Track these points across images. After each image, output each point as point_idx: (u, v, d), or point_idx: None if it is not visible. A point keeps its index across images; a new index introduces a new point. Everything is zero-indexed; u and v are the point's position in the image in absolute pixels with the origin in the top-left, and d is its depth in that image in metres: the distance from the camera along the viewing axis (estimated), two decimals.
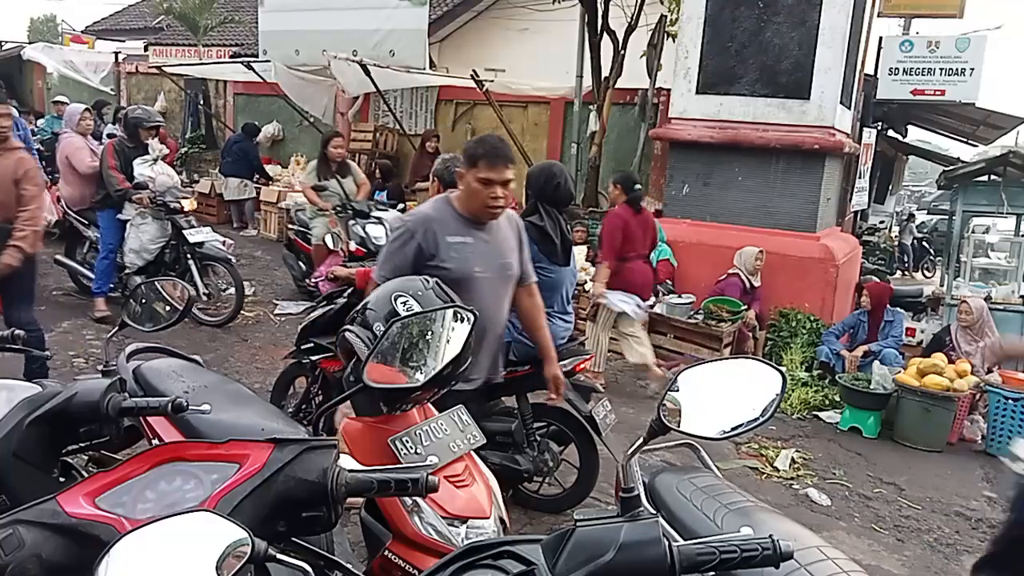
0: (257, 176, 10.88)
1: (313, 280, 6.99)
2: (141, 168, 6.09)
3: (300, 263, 7.51)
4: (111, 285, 6.31)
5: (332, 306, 3.86)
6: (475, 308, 2.28)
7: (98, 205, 6.19)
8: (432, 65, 10.92)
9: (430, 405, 2.23)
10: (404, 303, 2.20)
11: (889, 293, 6.58)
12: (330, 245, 6.54)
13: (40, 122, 12.28)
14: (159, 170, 6.23)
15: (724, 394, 1.54)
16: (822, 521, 4.08)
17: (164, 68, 12.54)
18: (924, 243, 15.87)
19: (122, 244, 6.18)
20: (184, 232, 6.14)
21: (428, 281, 2.27)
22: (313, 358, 3.87)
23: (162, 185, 6.18)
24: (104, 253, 6.22)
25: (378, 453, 1.97)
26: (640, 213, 5.51)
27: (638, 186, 5.66)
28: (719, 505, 1.85)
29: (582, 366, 3.47)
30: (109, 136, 7.21)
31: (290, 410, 4.03)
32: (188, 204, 6.40)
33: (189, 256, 6.24)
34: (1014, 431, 5.30)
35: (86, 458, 2.32)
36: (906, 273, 14.40)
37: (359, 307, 2.29)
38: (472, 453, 2.17)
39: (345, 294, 3.88)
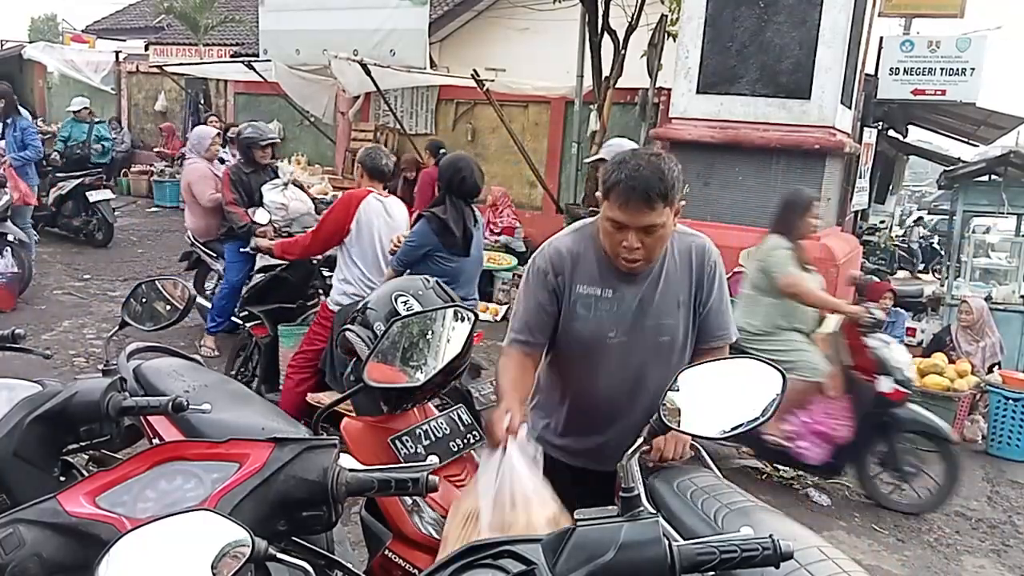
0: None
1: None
2: (271, 195, 5.27)
3: None
4: (227, 322, 5.54)
5: (263, 276, 4.40)
6: (604, 379, 2.00)
7: (223, 236, 5.60)
8: (433, 65, 10.92)
9: (430, 405, 2.23)
10: (404, 302, 2.21)
11: (888, 291, 6.58)
12: (259, 220, 6.31)
13: (53, 126, 12.27)
14: (291, 195, 5.40)
15: (724, 394, 1.54)
16: (822, 521, 4.08)
17: (165, 67, 12.56)
18: (933, 245, 15.82)
19: (249, 279, 5.12)
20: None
21: (428, 281, 2.27)
22: (248, 325, 4.54)
23: (295, 212, 5.31)
24: (225, 289, 5.53)
25: (378, 452, 1.97)
26: None
27: (443, 150, 6.65)
28: (719, 505, 1.85)
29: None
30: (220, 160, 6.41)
31: (232, 372, 4.63)
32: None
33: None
34: (1014, 431, 5.30)
35: (86, 457, 2.32)
36: (915, 274, 14.36)
37: (359, 307, 2.29)
38: (472, 453, 2.17)
39: (277, 268, 4.37)
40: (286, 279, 4.52)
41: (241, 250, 5.29)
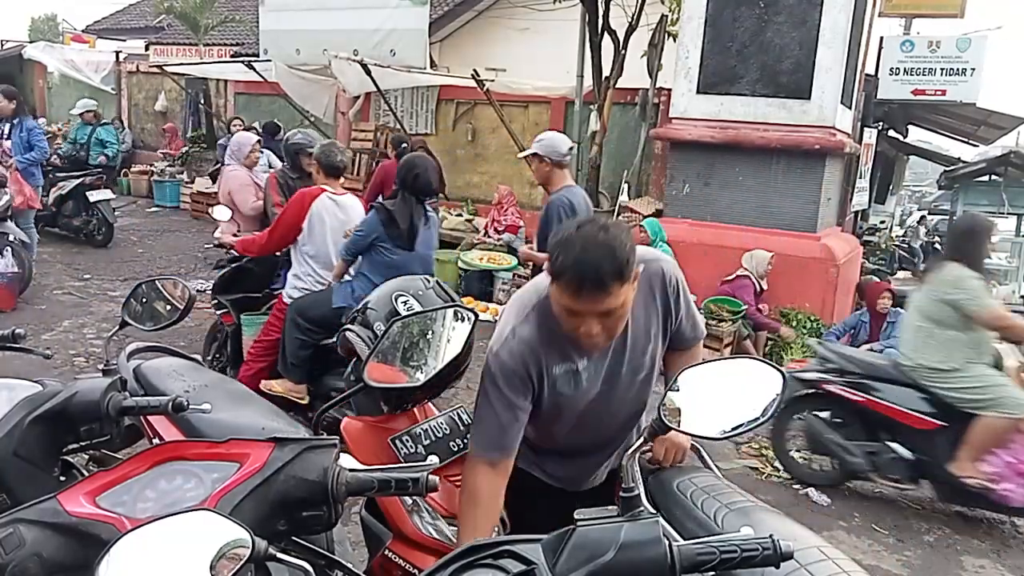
0: None
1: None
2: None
3: None
4: None
5: (227, 269, 4.69)
6: (589, 431, 1.98)
7: None
8: (433, 65, 10.93)
9: (430, 404, 2.23)
10: (405, 302, 2.20)
11: (887, 291, 6.57)
12: (220, 217, 6.32)
13: (54, 126, 12.25)
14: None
15: (724, 394, 1.55)
16: (822, 521, 4.08)
17: (165, 67, 12.57)
18: (935, 245, 15.81)
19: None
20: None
21: (428, 280, 2.27)
22: (218, 313, 4.85)
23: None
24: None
25: (378, 452, 1.97)
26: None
27: (404, 144, 7.24)
28: (719, 505, 1.85)
29: None
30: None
31: (208, 357, 4.82)
32: None
33: None
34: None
35: (86, 457, 2.32)
36: (916, 275, 14.34)
37: (360, 306, 2.29)
38: None
39: (243, 260, 4.59)
40: (251, 270, 4.70)
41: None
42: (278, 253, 4.48)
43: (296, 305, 4.03)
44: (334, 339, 3.68)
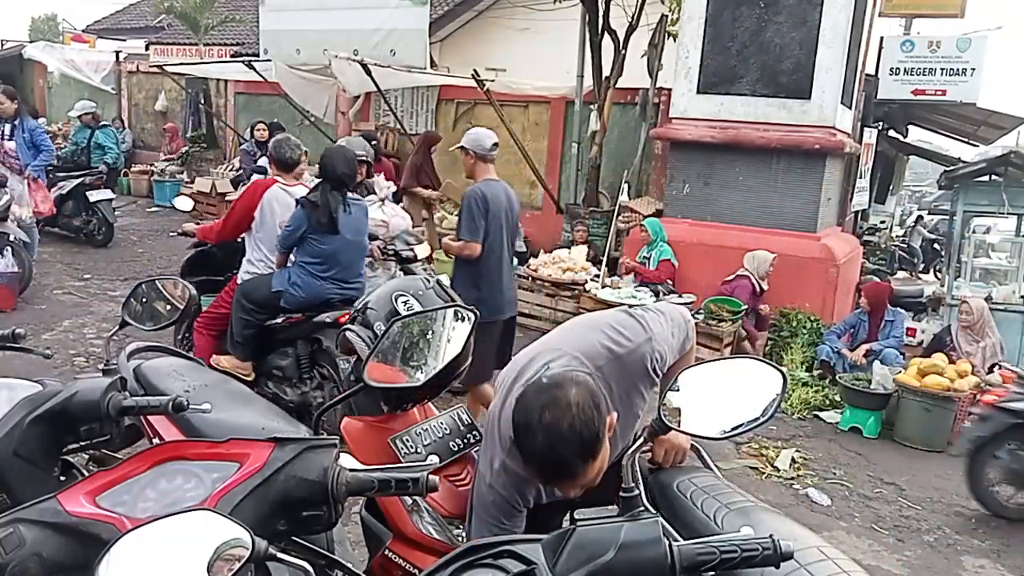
0: None
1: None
2: (371, 212, 5.02)
3: None
4: None
5: (192, 252, 5.05)
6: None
7: None
8: (433, 65, 10.92)
9: (431, 404, 2.23)
10: (405, 302, 2.21)
11: (887, 292, 6.58)
12: (182, 207, 6.39)
13: (54, 126, 12.23)
14: (390, 212, 5.32)
15: (724, 394, 1.55)
16: (822, 521, 4.08)
17: (165, 67, 12.55)
18: (935, 245, 15.81)
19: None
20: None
21: (429, 280, 2.27)
22: None
23: (396, 228, 5.14)
24: None
25: (378, 452, 1.97)
26: (380, 163, 7.12)
27: (374, 141, 7.31)
28: (719, 505, 1.85)
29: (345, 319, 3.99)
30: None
31: (179, 337, 4.87)
32: (422, 250, 5.27)
33: None
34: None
35: (87, 457, 2.32)
36: (915, 274, 14.34)
37: (360, 306, 2.30)
38: (473, 453, 2.17)
39: (207, 245, 4.87)
40: (215, 255, 4.98)
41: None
42: (239, 239, 4.62)
43: (242, 287, 4.27)
44: (278, 320, 4.13)
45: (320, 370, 4.20)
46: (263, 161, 7.69)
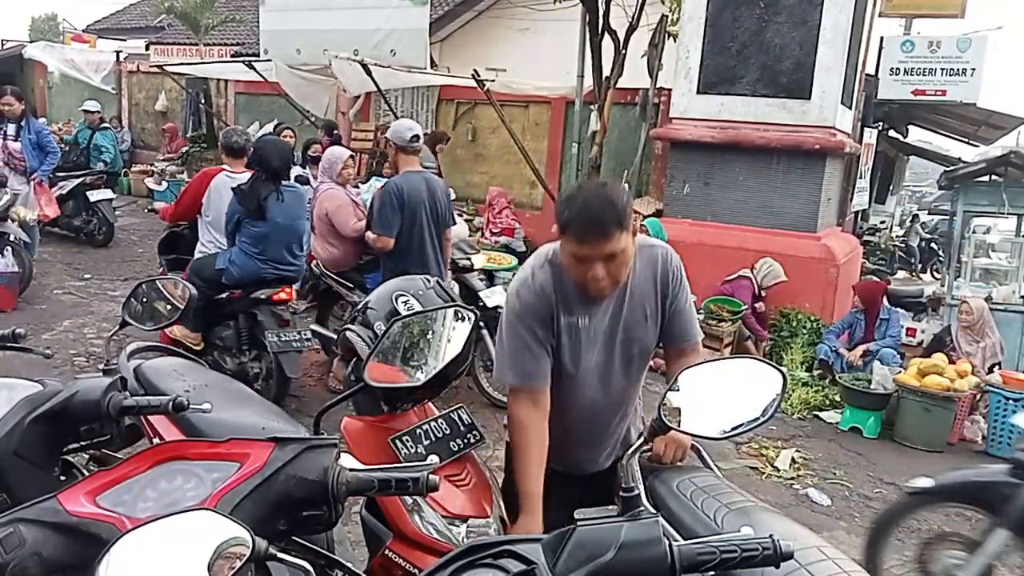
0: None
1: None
2: None
3: None
4: None
5: (166, 232, 5.48)
6: (587, 396, 2.08)
7: (366, 266, 5.09)
8: (433, 65, 10.92)
9: (431, 404, 2.23)
10: (405, 302, 2.21)
11: (882, 291, 6.58)
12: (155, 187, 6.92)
13: (55, 126, 12.20)
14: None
15: (724, 394, 1.55)
16: (822, 521, 4.08)
17: (165, 67, 12.55)
18: (932, 244, 15.83)
19: None
20: (480, 294, 4.92)
21: (429, 280, 2.27)
22: (158, 269, 5.64)
23: (456, 236, 4.94)
24: None
25: (379, 452, 1.97)
26: None
27: (336, 131, 8.40)
28: (719, 505, 1.85)
29: (280, 295, 4.57)
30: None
31: None
32: (479, 259, 5.16)
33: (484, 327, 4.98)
34: (1014, 432, 5.30)
35: (87, 457, 2.32)
36: (913, 274, 14.36)
37: (360, 306, 2.29)
38: (473, 453, 2.17)
39: (180, 227, 5.29)
40: (185, 236, 5.28)
41: (367, 275, 5.02)
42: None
43: (192, 265, 4.76)
44: (223, 295, 4.59)
45: (255, 342, 4.66)
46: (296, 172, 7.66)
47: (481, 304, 4.88)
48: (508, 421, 2.04)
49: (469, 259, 5.08)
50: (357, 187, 6.10)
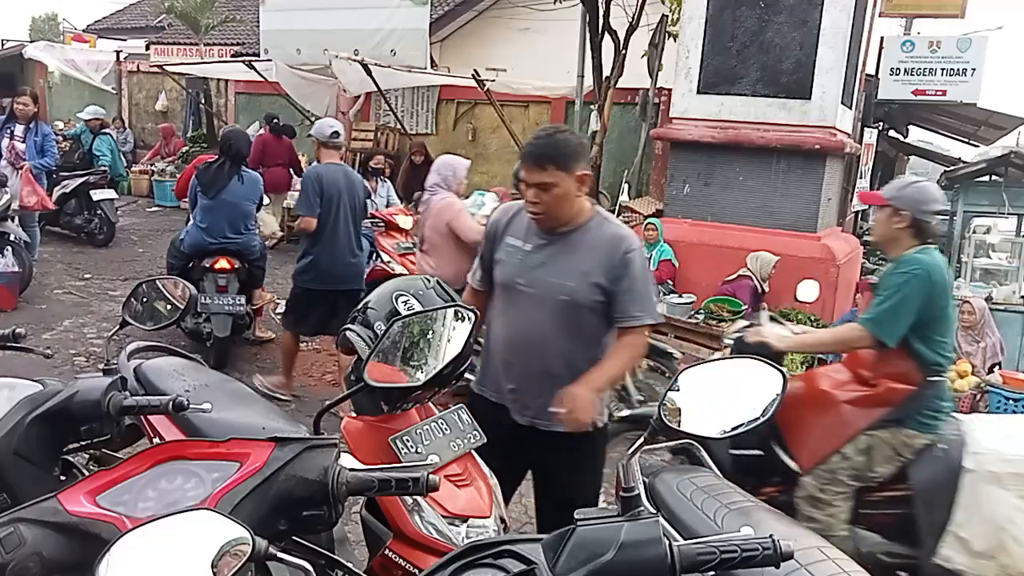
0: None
1: None
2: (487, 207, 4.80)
3: None
4: None
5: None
6: (513, 322, 2.33)
7: None
8: (433, 64, 10.93)
9: (431, 404, 2.23)
10: (405, 302, 2.21)
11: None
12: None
13: (59, 125, 12.16)
14: None
15: (724, 394, 1.55)
16: None
17: (165, 67, 12.57)
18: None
19: None
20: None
21: (429, 280, 2.28)
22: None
23: None
24: None
25: (379, 452, 1.97)
26: (280, 139, 9.13)
27: (276, 119, 9.38)
28: (719, 505, 1.85)
29: (220, 264, 5.27)
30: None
31: None
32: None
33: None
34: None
35: (87, 456, 2.32)
36: None
37: (360, 306, 2.30)
38: (473, 452, 2.17)
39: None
40: None
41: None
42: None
43: (172, 240, 5.73)
44: (190, 265, 5.26)
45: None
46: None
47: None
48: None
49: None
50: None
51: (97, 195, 8.90)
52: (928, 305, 2.73)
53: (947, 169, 9.40)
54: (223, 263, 5.21)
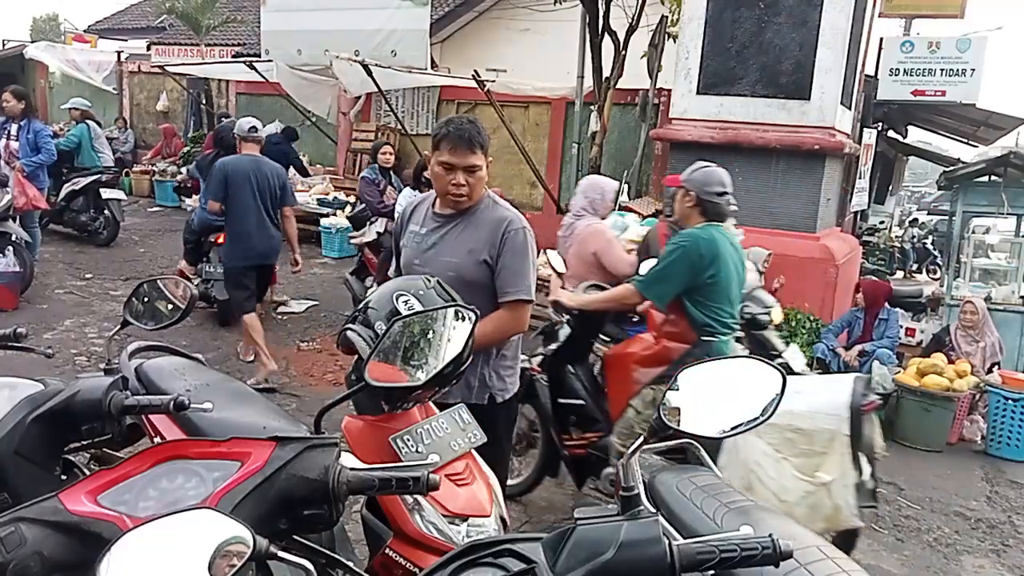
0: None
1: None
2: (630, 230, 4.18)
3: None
4: None
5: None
6: None
7: (622, 316, 4.15)
8: (434, 65, 10.93)
9: (431, 403, 2.23)
10: (405, 302, 2.21)
11: (886, 292, 6.58)
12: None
13: (55, 126, 12.09)
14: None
15: (724, 393, 1.55)
16: None
17: (166, 67, 12.56)
18: (926, 245, 15.87)
19: None
20: (783, 353, 4.13)
21: (429, 280, 2.28)
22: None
23: (748, 286, 3.83)
24: None
25: (379, 451, 1.97)
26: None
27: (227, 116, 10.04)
28: (719, 504, 1.85)
29: (220, 239, 5.97)
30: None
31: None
32: (777, 314, 4.40)
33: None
34: (1014, 431, 5.30)
35: (88, 456, 2.33)
36: (907, 275, 14.37)
37: (360, 306, 2.30)
38: (473, 452, 2.17)
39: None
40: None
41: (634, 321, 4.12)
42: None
43: (188, 219, 6.99)
44: (207, 237, 6.40)
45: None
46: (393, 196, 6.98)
47: (783, 362, 3.92)
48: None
49: (768, 313, 4.17)
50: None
51: (107, 193, 8.93)
52: (696, 274, 3.09)
53: (946, 169, 9.37)
54: (222, 239, 5.79)
